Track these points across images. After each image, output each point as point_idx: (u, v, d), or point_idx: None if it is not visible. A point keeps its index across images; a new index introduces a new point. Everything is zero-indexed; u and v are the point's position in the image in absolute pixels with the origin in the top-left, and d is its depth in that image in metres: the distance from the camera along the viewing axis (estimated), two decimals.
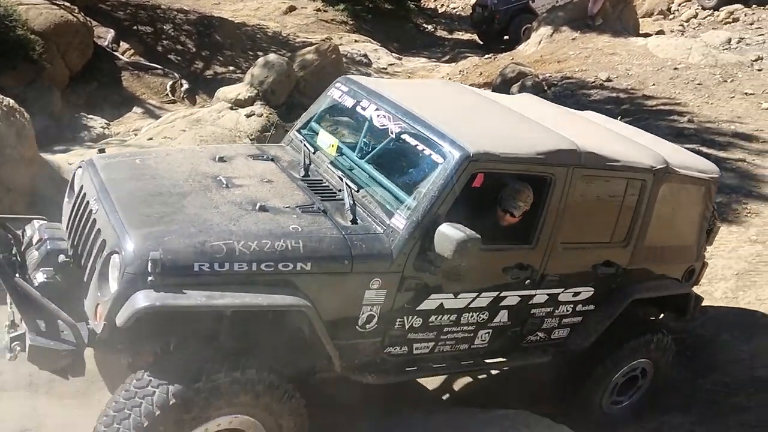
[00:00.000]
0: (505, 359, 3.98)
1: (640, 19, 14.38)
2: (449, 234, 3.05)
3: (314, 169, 3.75)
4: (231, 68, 12.58)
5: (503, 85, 10.87)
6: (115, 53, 11.25)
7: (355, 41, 16.04)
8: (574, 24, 13.06)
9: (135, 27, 12.58)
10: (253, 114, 7.52)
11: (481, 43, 17.68)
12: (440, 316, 3.49)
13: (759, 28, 13.25)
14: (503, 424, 3.47)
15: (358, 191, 3.46)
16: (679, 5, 15.94)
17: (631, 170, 3.85)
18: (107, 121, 9.48)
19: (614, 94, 10.27)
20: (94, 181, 3.28)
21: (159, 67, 11.31)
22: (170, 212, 3.02)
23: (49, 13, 9.82)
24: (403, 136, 3.52)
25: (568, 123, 4.27)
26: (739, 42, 12.39)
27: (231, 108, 7.70)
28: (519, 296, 3.71)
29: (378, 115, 3.70)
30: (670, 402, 4.88)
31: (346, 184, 3.47)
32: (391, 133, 3.58)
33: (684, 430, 4.48)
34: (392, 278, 3.22)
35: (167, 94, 10.83)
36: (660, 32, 13.87)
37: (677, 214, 4.30)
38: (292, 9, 17.48)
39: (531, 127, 3.91)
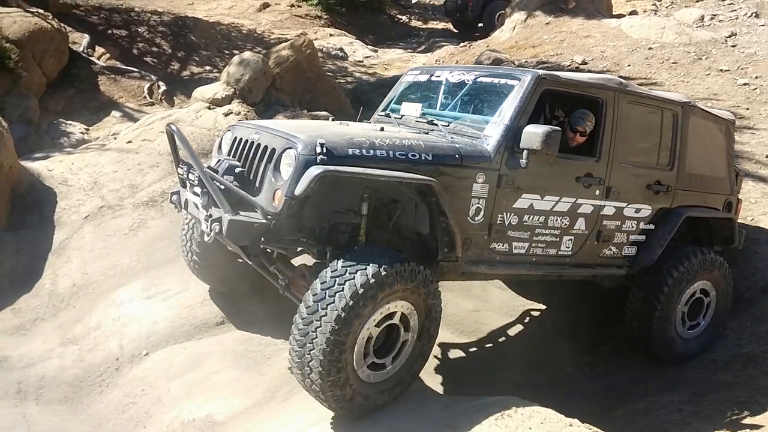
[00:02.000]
0: (589, 269, 4.63)
1: (612, 0, 14.46)
2: (536, 130, 3.86)
3: (406, 126, 4.45)
4: (208, 68, 12.50)
5: None
6: (91, 58, 11.14)
7: (330, 35, 16.01)
8: (547, 8, 13.11)
9: (110, 31, 12.46)
10: (231, 112, 7.48)
11: (456, 31, 17.73)
12: (531, 216, 4.19)
13: (731, 3, 13.35)
14: (491, 411, 3.52)
15: (448, 125, 4.20)
16: None
17: (663, 101, 4.77)
18: (86, 126, 9.40)
19: None
20: (248, 126, 4.15)
21: (135, 70, 11.22)
22: (318, 129, 3.86)
23: (23, 20, 9.70)
24: (480, 79, 4.38)
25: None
26: (712, 19, 12.48)
27: (209, 107, 7.65)
28: (592, 205, 4.43)
29: (452, 75, 4.58)
30: (659, 381, 4.97)
31: (438, 122, 4.24)
32: (467, 81, 4.43)
33: (673, 409, 4.55)
34: (492, 175, 3.95)
35: (145, 97, 10.75)
36: (633, 12, 13.95)
37: (707, 146, 5.08)
38: (265, 6, 17.40)
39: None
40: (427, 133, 4.15)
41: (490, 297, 6.11)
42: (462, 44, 14.05)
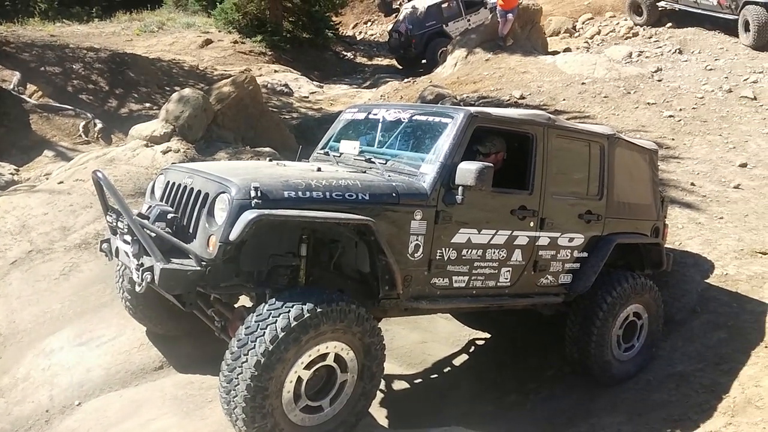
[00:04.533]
0: (527, 298, 4.75)
1: (548, 38, 15.06)
2: (469, 167, 3.95)
3: (344, 165, 4.53)
4: (147, 105, 12.33)
5: None
6: (22, 96, 10.85)
7: (275, 71, 16.07)
8: (487, 46, 13.54)
9: (42, 68, 12.18)
10: (170, 150, 7.36)
11: (401, 67, 18.07)
12: (470, 250, 4.27)
13: (657, 41, 14.09)
14: None
15: (386, 163, 4.28)
16: (584, 23, 16.79)
17: (590, 134, 5.00)
18: (16, 167, 9.09)
19: None
20: (181, 170, 4.13)
21: (70, 107, 10.98)
22: (253, 171, 3.85)
23: None
24: (415, 118, 4.51)
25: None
26: (639, 55, 13.14)
27: (146, 145, 7.51)
28: (527, 236, 4.54)
29: (389, 113, 4.71)
30: (599, 404, 5.05)
31: (374, 160, 4.30)
32: (403, 119, 4.56)
33: (613, 430, 4.63)
34: (430, 211, 4.02)
35: (80, 135, 10.50)
36: (567, 50, 14.55)
37: (633, 175, 5.32)
38: (208, 42, 17.36)
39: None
40: (365, 172, 4.19)
41: (437, 328, 6.13)
42: (406, 80, 14.33)
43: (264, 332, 3.29)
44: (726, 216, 7.17)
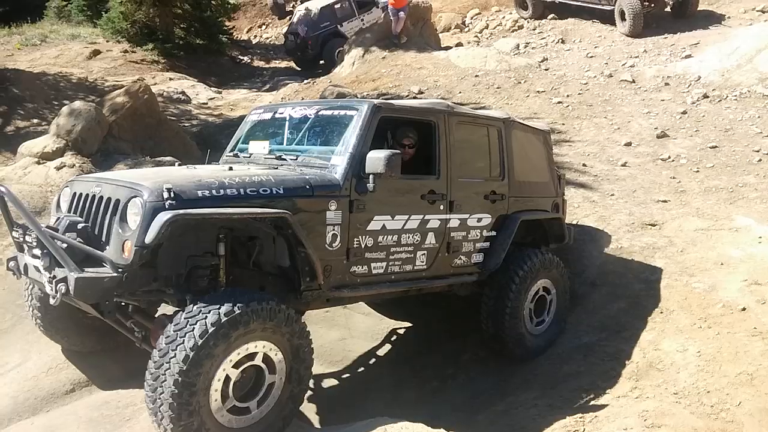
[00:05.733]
0: (443, 279, 4.92)
1: (440, 34, 15.50)
2: (377, 155, 4.08)
3: (255, 165, 4.55)
4: (35, 121, 11.63)
5: None
6: None
7: (171, 79, 15.57)
8: (382, 44, 13.79)
9: None
10: (64, 165, 7.03)
11: (299, 69, 18.01)
12: (385, 236, 4.40)
13: (540, 32, 14.84)
14: None
15: (296, 159, 4.39)
16: (472, 18, 17.39)
17: (488, 119, 5.29)
18: None
19: None
20: (87, 180, 4.10)
21: None
22: (164, 174, 3.85)
23: None
24: (321, 113, 4.62)
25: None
26: (526, 47, 13.79)
27: (38, 162, 7.15)
28: (438, 219, 4.73)
29: (295, 110, 4.79)
30: (514, 382, 5.29)
31: (284, 156, 4.42)
32: (309, 115, 4.65)
33: (529, 405, 4.85)
34: (344, 201, 4.12)
35: None
36: (459, 44, 15.05)
37: (529, 155, 5.63)
38: (96, 53, 16.59)
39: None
40: (277, 168, 4.26)
41: (355, 324, 6.21)
42: (306, 81, 14.33)
43: (193, 328, 3.29)
44: (616, 193, 7.70)
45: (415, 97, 11.29)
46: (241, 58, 19.97)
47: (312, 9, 17.48)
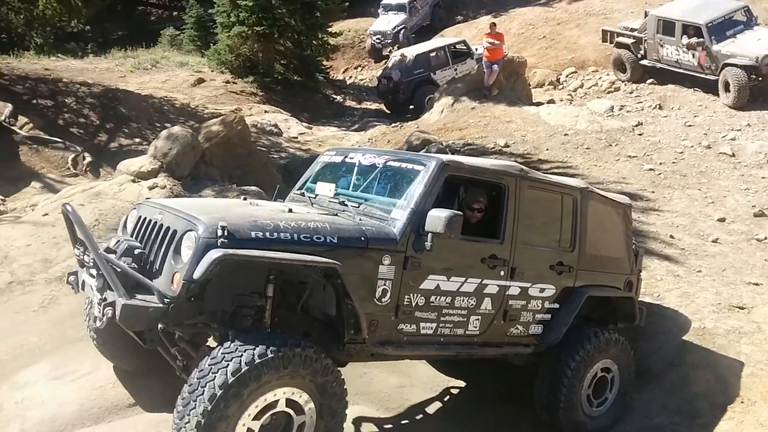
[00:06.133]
0: (496, 348, 4.73)
1: (532, 90, 15.44)
2: (439, 214, 3.97)
3: (318, 206, 4.55)
4: (137, 140, 12.42)
5: (410, 151, 11.30)
6: (13, 127, 10.89)
7: (266, 112, 16.27)
8: (473, 94, 13.86)
9: (35, 101, 12.28)
10: (156, 186, 7.41)
11: (388, 112, 18.37)
12: (438, 297, 4.26)
13: (638, 96, 14.50)
14: None
15: (358, 207, 4.35)
16: (567, 76, 17.24)
17: (563, 187, 5.06)
18: (2, 197, 9.08)
19: (512, 159, 10.87)
20: (153, 206, 4.17)
21: (60, 140, 11.04)
22: (223, 210, 3.87)
23: None
24: (390, 163, 4.56)
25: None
26: (621, 109, 13.50)
27: (133, 181, 7.56)
28: (497, 285, 4.54)
29: (365, 158, 4.73)
30: None
31: (348, 203, 4.37)
32: (378, 164, 4.60)
33: None
34: (398, 257, 4.03)
35: (68, 168, 10.53)
36: (551, 101, 14.92)
37: (605, 228, 5.35)
38: (200, 81, 17.60)
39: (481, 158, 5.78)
40: (336, 215, 4.22)
41: (416, 372, 6.09)
42: (394, 124, 14.59)
43: (203, 391, 3.28)
44: (704, 269, 7.29)
45: (500, 150, 11.25)
46: (335, 96, 20.61)
47: (408, 55, 17.87)
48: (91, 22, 22.03)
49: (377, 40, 23.41)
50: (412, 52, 18.04)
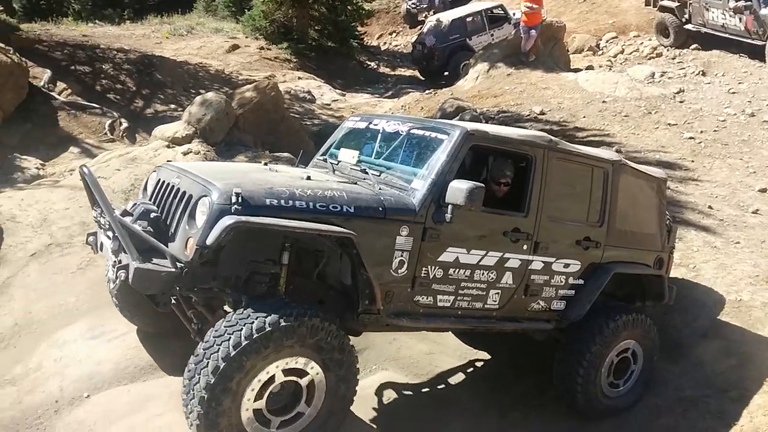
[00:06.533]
0: (516, 323, 4.61)
1: (570, 56, 15.04)
2: (459, 185, 3.85)
3: (340, 173, 4.49)
4: (172, 106, 12.53)
5: (443, 118, 11.13)
6: (52, 93, 11.08)
7: (299, 78, 16.22)
8: (509, 60, 13.57)
9: (73, 67, 12.45)
10: (190, 152, 7.49)
11: (423, 78, 18.15)
12: (457, 269, 4.16)
13: (680, 62, 14.03)
14: None
15: (379, 176, 4.22)
16: (608, 42, 16.75)
17: (593, 159, 4.81)
18: (42, 162, 9.29)
19: (548, 127, 10.66)
20: (171, 170, 4.10)
21: (97, 106, 11.19)
22: (240, 176, 3.82)
23: None
24: (413, 131, 4.43)
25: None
26: (662, 76, 13.08)
27: (168, 146, 7.66)
28: (519, 259, 4.41)
29: (389, 125, 4.64)
30: (602, 427, 5.02)
31: (369, 171, 4.24)
32: (402, 132, 4.48)
33: None
34: (417, 228, 3.93)
35: (105, 133, 10.70)
36: (589, 67, 14.51)
37: (637, 203, 5.11)
38: (235, 47, 17.60)
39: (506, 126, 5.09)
40: (356, 183, 4.16)
41: (446, 340, 6.11)
42: (428, 91, 14.41)
43: (208, 362, 3.32)
44: (743, 241, 7.11)
45: (536, 118, 11.04)
46: (369, 63, 20.43)
47: (443, 20, 17.57)
48: None
49: (412, 5, 23.05)
50: (447, 17, 17.72)
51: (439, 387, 5.63)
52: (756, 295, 6.08)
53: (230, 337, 3.33)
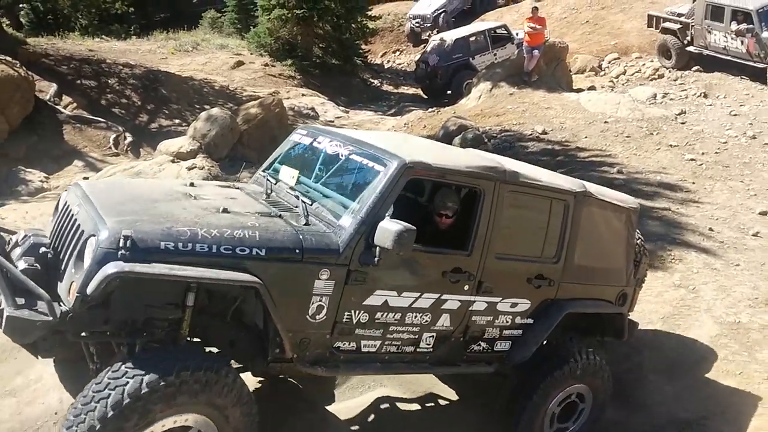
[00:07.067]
0: (451, 367, 4.25)
1: (573, 76, 15.17)
2: (388, 227, 3.45)
3: (275, 196, 4.12)
4: (177, 121, 12.63)
5: (446, 137, 11.24)
6: (57, 107, 11.19)
7: (303, 95, 16.35)
8: (512, 80, 13.69)
9: (79, 81, 12.58)
10: (195, 167, 7.57)
11: (426, 97, 18.27)
12: (386, 313, 3.79)
13: (682, 83, 14.13)
14: None
15: (312, 205, 3.84)
16: (610, 63, 16.88)
17: (553, 191, 4.33)
18: (46, 175, 9.37)
19: (549, 146, 10.74)
20: (77, 194, 3.68)
21: (102, 120, 11.29)
22: (142, 209, 3.43)
23: None
24: (352, 156, 4.00)
25: (490, 154, 4.89)
26: (664, 97, 13.18)
27: (172, 161, 7.74)
28: (459, 301, 4.02)
29: (331, 145, 4.19)
30: None
31: (302, 199, 3.85)
32: (341, 156, 4.05)
33: None
34: (340, 271, 3.55)
35: (110, 147, 10.78)
36: (591, 88, 14.64)
37: (602, 236, 4.69)
38: (239, 64, 17.75)
39: (462, 152, 4.74)
40: (280, 215, 3.70)
41: None
42: (430, 109, 14.52)
43: (85, 419, 2.96)
44: (743, 263, 7.12)
45: (538, 137, 11.11)
46: (372, 81, 20.58)
47: (446, 39, 17.72)
48: (135, 4, 22.46)
49: (416, 24, 23.26)
50: (451, 36, 17.87)
51: (435, 403, 5.62)
52: (755, 318, 6.09)
53: (96, 407, 2.96)
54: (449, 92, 17.10)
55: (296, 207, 3.82)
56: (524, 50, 13.74)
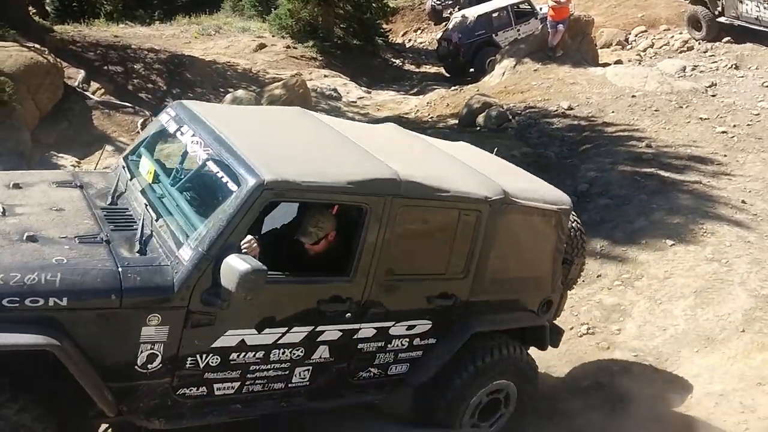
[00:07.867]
0: (335, 399, 3.72)
1: (598, 50, 14.90)
2: (233, 265, 2.83)
3: (125, 198, 3.50)
4: None
5: (469, 115, 11.19)
6: (86, 93, 11.31)
7: (325, 76, 16.32)
8: (536, 56, 13.51)
9: (105, 67, 12.69)
10: None
11: (448, 75, 18.11)
12: (243, 353, 3.26)
13: (712, 56, 13.81)
14: None
15: (157, 220, 3.19)
16: (637, 36, 16.54)
17: (462, 201, 3.73)
18: (78, 160, 9.51)
19: (575, 122, 10.61)
20: None
21: (130, 105, 11.39)
22: None
23: (19, 55, 9.89)
24: (208, 163, 3.29)
25: (406, 153, 4.17)
26: (693, 69, 12.91)
27: None
28: (340, 330, 3.52)
29: (192, 141, 3.44)
30: None
31: (145, 212, 3.22)
32: (199, 159, 3.35)
33: None
34: (175, 314, 2.97)
35: (138, 132, 10.89)
36: (618, 62, 14.37)
37: (525, 245, 4.19)
38: (262, 46, 17.76)
39: (352, 155, 3.71)
40: (106, 241, 3.05)
41: None
42: (453, 88, 14.42)
43: None
44: None
45: (564, 113, 10.98)
46: (394, 60, 20.46)
47: (468, 16, 17.51)
48: None
49: (437, 2, 22.97)
50: (473, 12, 17.64)
51: None
52: None
53: None
54: (472, 70, 16.92)
55: (129, 227, 3.18)
56: (548, 25, 13.53)
